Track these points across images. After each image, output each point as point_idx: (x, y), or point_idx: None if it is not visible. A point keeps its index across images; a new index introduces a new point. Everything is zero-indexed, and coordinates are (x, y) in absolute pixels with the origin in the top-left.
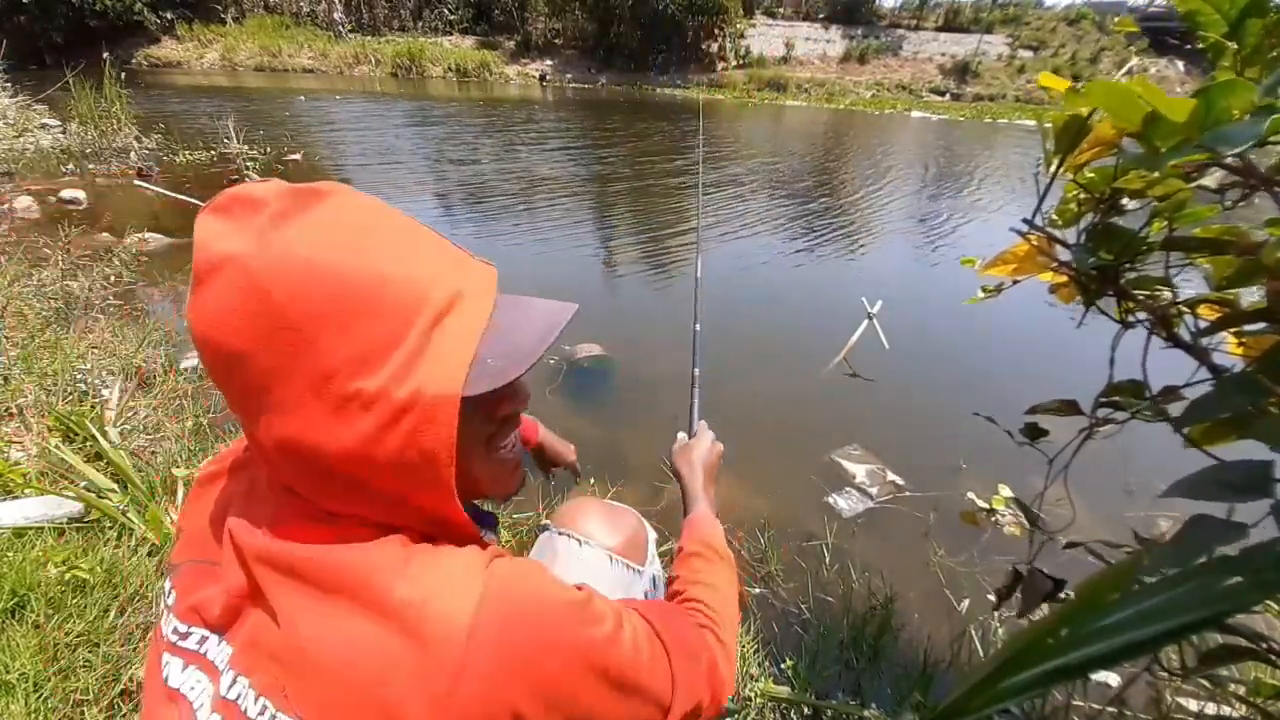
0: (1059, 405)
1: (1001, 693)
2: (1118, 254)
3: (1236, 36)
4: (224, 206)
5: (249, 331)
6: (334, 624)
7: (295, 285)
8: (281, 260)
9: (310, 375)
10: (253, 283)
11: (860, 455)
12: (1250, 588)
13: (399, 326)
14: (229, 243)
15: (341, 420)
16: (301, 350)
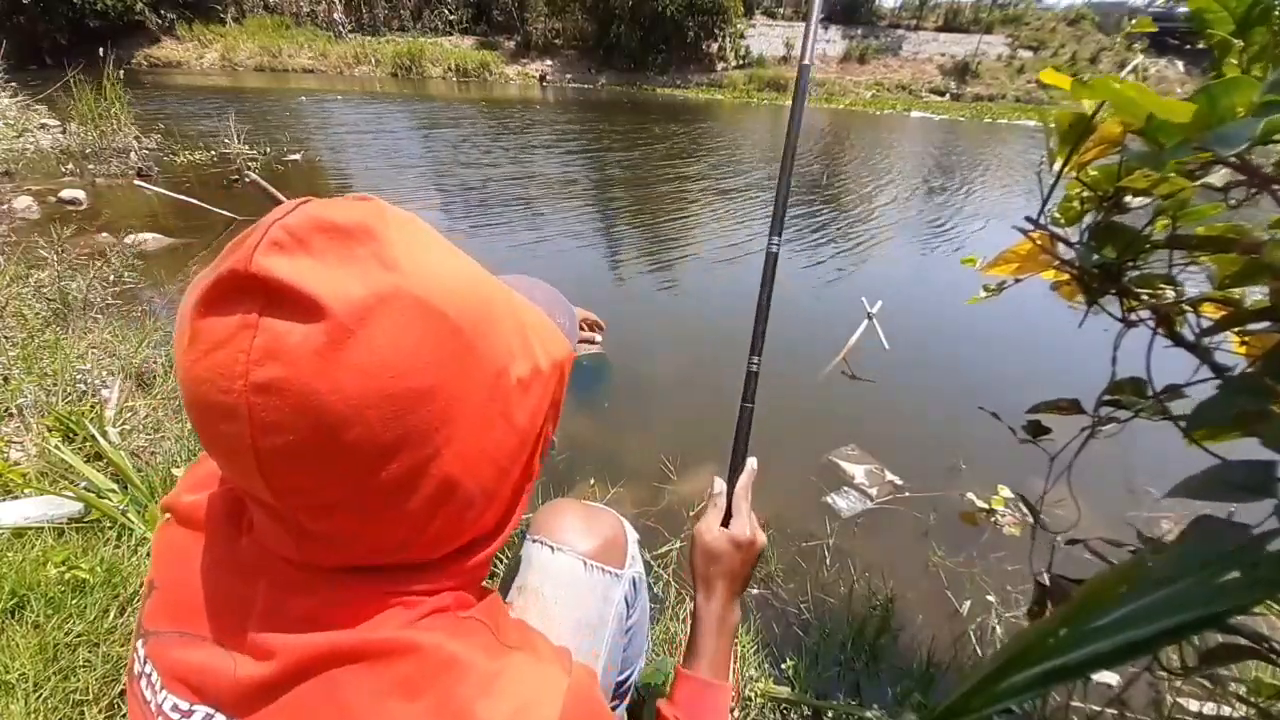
0: (1061, 404)
1: (1002, 693)
2: (1121, 252)
3: (1243, 34)
4: (300, 243)
5: (433, 360)
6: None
7: (452, 294)
8: (430, 276)
9: (485, 384)
10: (424, 307)
11: (858, 455)
12: (1249, 586)
13: (509, 314)
14: (361, 279)
15: (514, 413)
16: (474, 362)
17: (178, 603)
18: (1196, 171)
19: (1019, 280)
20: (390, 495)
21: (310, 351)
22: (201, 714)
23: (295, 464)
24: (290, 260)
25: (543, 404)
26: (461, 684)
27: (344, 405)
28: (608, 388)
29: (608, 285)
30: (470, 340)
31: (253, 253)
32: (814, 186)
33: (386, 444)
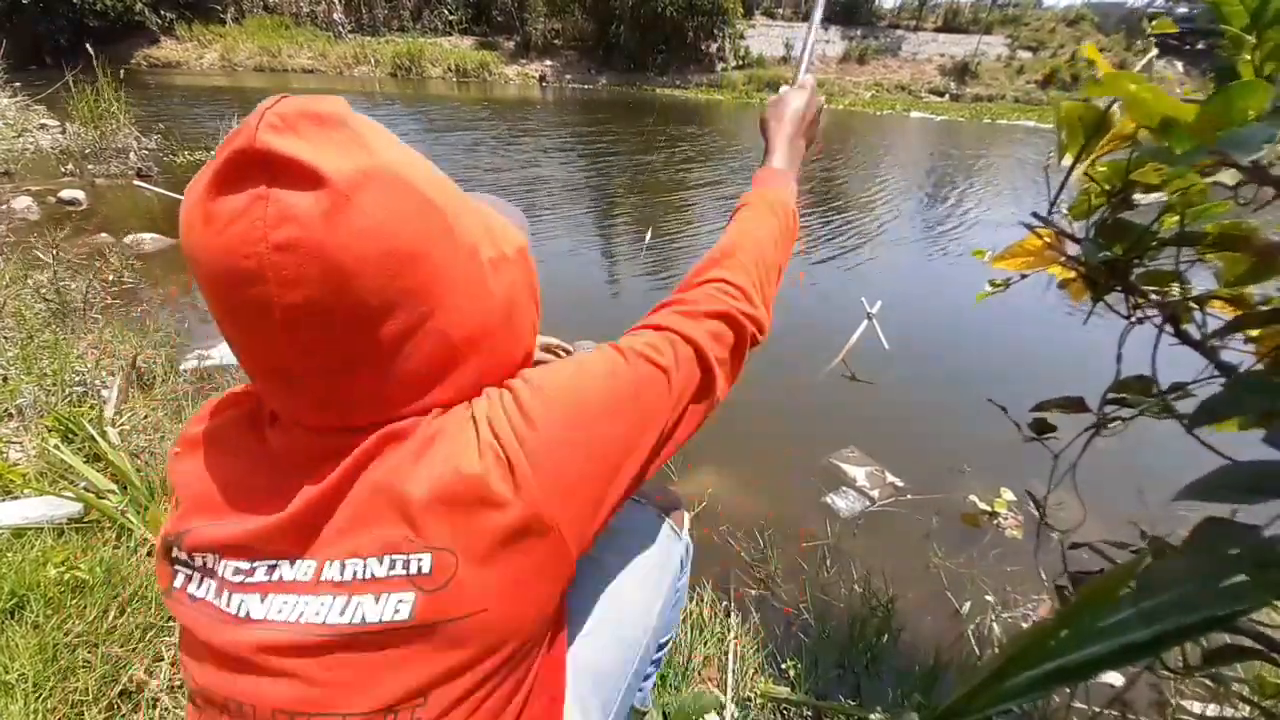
0: (1065, 402)
1: (1003, 693)
2: (1128, 249)
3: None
4: (290, 127)
5: (419, 230)
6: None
7: (428, 178)
8: (404, 161)
9: (465, 253)
10: (406, 182)
11: (858, 457)
12: (1255, 587)
13: (471, 206)
14: (348, 155)
15: (490, 284)
16: (452, 237)
17: (210, 502)
18: (1208, 169)
19: (1025, 276)
20: (395, 349)
21: (319, 214)
22: (264, 567)
23: (312, 320)
24: (285, 139)
25: (516, 282)
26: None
27: (351, 260)
28: None
29: (608, 286)
30: (447, 218)
31: (255, 133)
32: (813, 186)
33: (387, 301)
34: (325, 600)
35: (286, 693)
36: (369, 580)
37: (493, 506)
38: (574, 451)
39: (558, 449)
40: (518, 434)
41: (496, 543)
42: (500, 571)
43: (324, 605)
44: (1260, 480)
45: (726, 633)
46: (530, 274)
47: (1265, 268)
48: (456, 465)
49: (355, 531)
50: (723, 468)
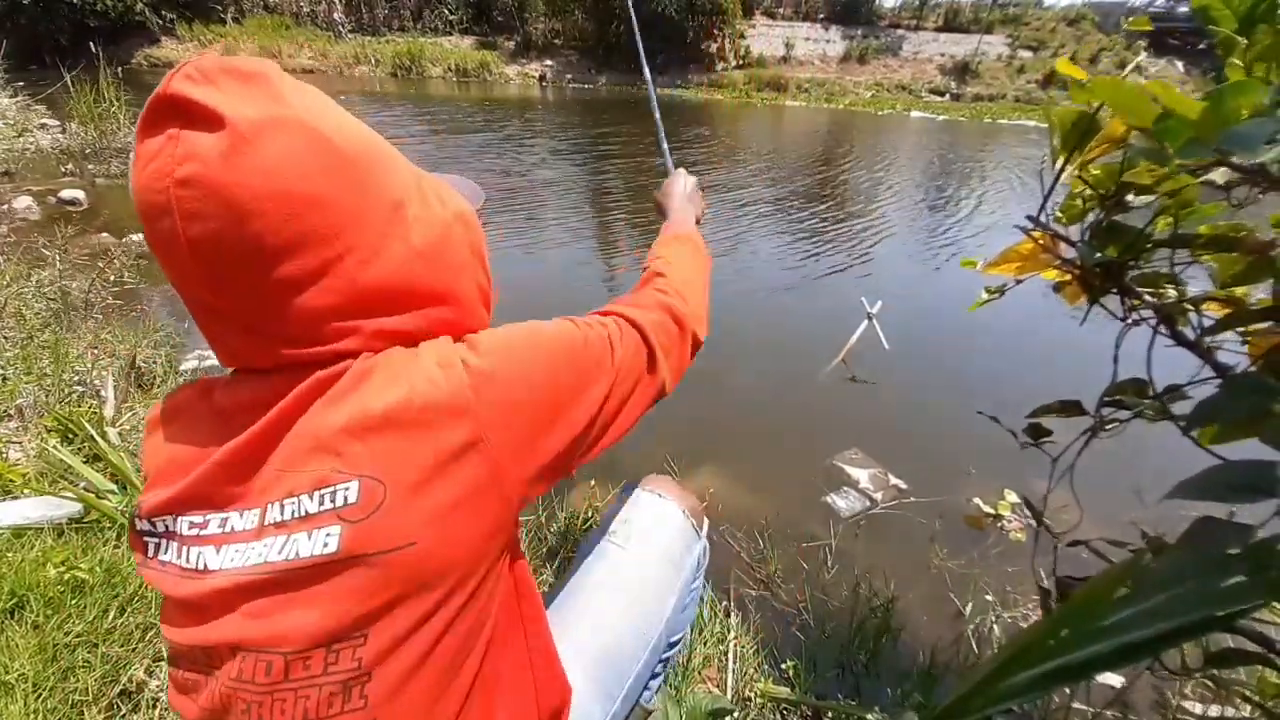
0: (1062, 406)
1: (1002, 693)
2: (1122, 251)
3: (1247, 32)
4: (207, 79)
5: (324, 175)
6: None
7: (346, 136)
8: (324, 116)
9: (384, 206)
10: (316, 134)
11: (861, 459)
12: (1252, 586)
13: (406, 168)
14: (261, 105)
15: (418, 239)
16: (370, 186)
17: (168, 470)
18: (1199, 170)
19: (1020, 281)
20: (299, 286)
21: (217, 153)
22: (216, 519)
23: (215, 253)
24: (199, 88)
25: (449, 239)
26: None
27: (247, 196)
28: None
29: (606, 288)
30: (362, 168)
31: (169, 82)
32: (813, 186)
33: (286, 240)
34: (268, 542)
35: (235, 630)
36: (304, 517)
37: (433, 426)
38: (518, 383)
39: (503, 377)
40: (465, 362)
41: (430, 467)
42: (431, 501)
43: (266, 547)
44: (1252, 479)
45: (726, 633)
46: (473, 236)
47: (1259, 268)
48: (400, 389)
49: (293, 470)
50: (723, 467)
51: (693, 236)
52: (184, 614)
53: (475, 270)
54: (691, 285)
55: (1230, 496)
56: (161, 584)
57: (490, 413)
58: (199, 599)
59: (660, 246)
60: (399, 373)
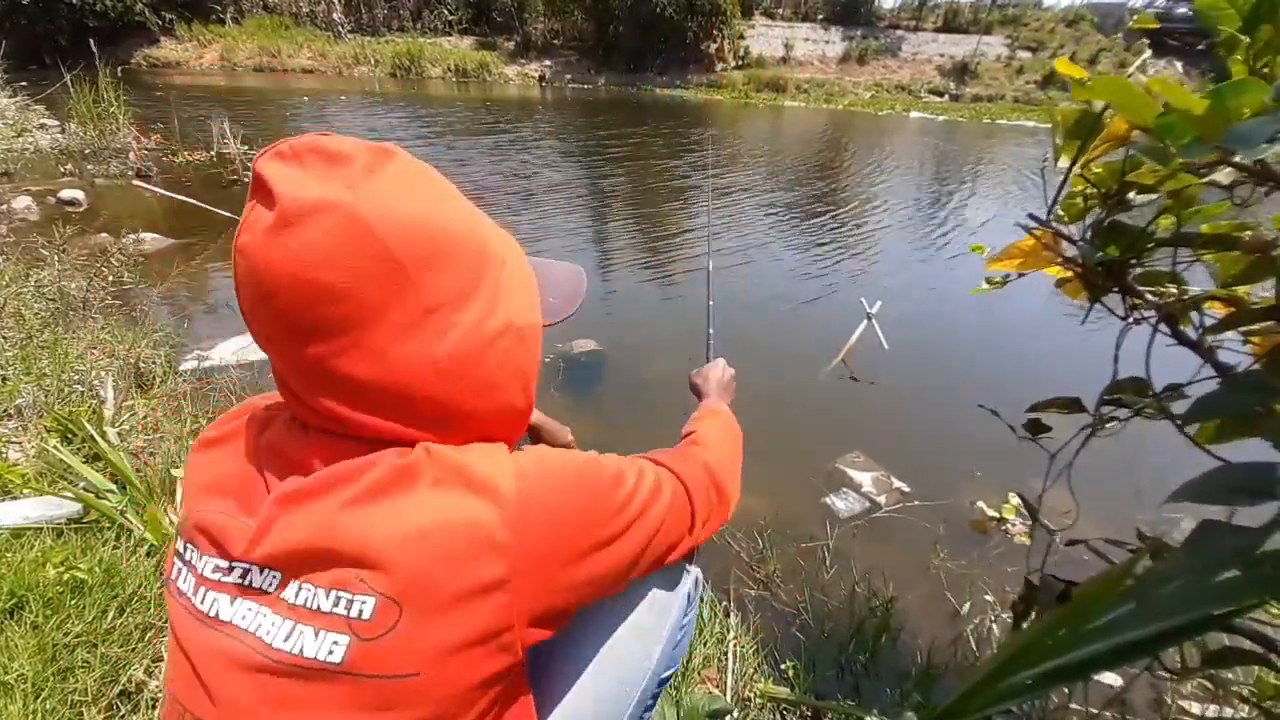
0: (1061, 403)
1: (1002, 693)
2: (1124, 250)
3: (1250, 30)
4: (294, 155)
5: (355, 270)
6: (397, 509)
7: (400, 229)
8: (385, 206)
9: (412, 310)
10: (361, 225)
11: (864, 462)
12: (1248, 585)
13: (479, 270)
14: (322, 189)
15: (441, 348)
16: (405, 288)
17: (209, 489)
18: (1202, 170)
19: (1022, 275)
20: (312, 366)
21: (262, 229)
22: (240, 569)
23: (255, 316)
24: (279, 165)
25: (488, 356)
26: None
27: (271, 276)
28: (606, 385)
29: (607, 287)
30: (404, 266)
31: (261, 156)
32: (812, 186)
33: (306, 324)
34: (277, 621)
35: (223, 709)
36: (315, 612)
37: (465, 557)
38: (559, 528)
39: (546, 519)
40: (512, 492)
41: (452, 598)
42: (445, 634)
43: (275, 626)
44: (1252, 482)
45: (726, 633)
46: (521, 356)
47: (1260, 267)
48: (439, 508)
49: (313, 556)
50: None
51: (728, 415)
52: (184, 659)
53: (511, 392)
54: (730, 460)
55: (1230, 500)
56: (176, 619)
57: (525, 554)
58: (201, 652)
59: (697, 421)
60: (441, 485)
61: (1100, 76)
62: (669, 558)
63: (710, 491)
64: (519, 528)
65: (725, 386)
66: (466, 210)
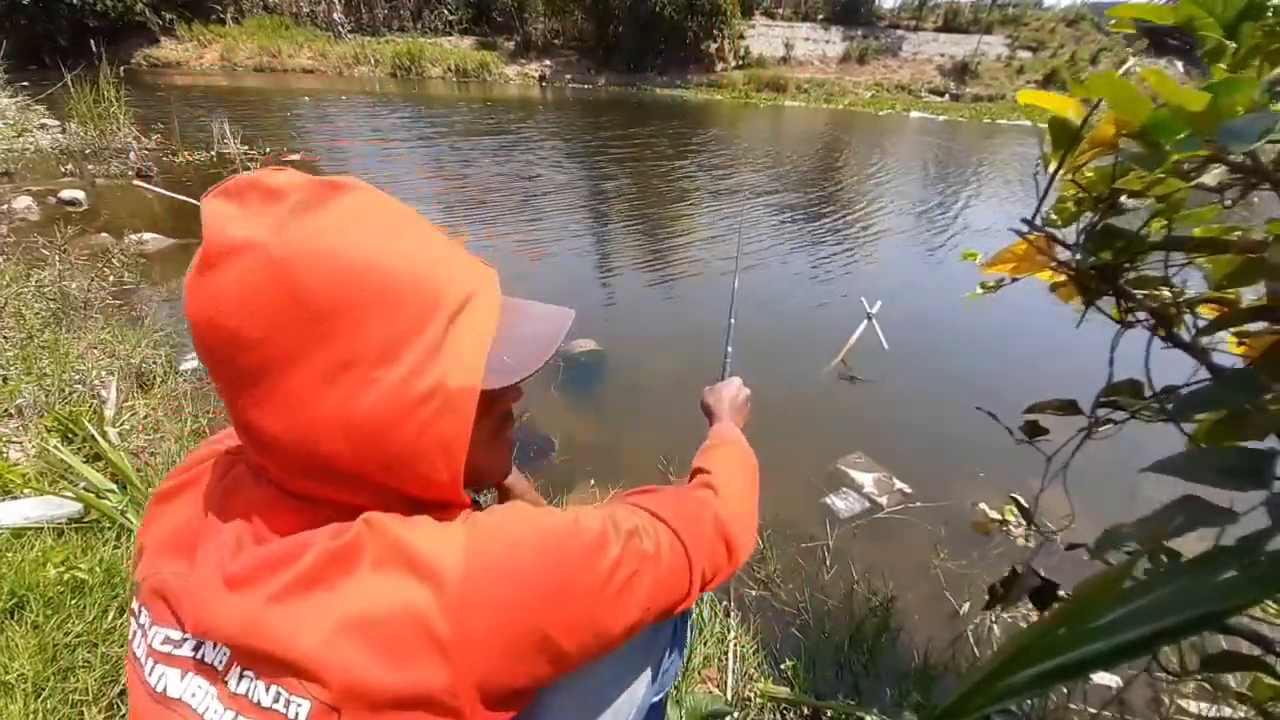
0: (1058, 405)
1: (1001, 692)
2: (1117, 254)
3: (1234, 38)
4: (237, 191)
5: (267, 318)
6: (329, 602)
7: (321, 274)
8: (307, 249)
9: (326, 363)
10: (276, 269)
11: (865, 463)
12: (1245, 584)
13: (419, 320)
14: (248, 227)
15: (356, 407)
16: (321, 338)
17: (163, 548)
18: (1190, 173)
19: (1015, 279)
20: (242, 423)
21: (192, 270)
22: (192, 643)
23: (200, 358)
24: (220, 203)
25: (409, 421)
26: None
27: (195, 318)
28: (606, 385)
29: (608, 288)
30: (319, 317)
31: (208, 192)
32: (812, 186)
33: (227, 371)
34: (219, 710)
35: None
36: (255, 705)
37: (408, 655)
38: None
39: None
40: (457, 581)
41: (391, 700)
42: None
43: (217, 713)
44: (1244, 465)
45: (726, 632)
46: (449, 426)
47: (1251, 268)
48: (380, 594)
49: (247, 651)
50: None
51: (743, 444)
52: None
53: (432, 465)
54: (744, 503)
55: (1218, 481)
56: (132, 692)
57: (472, 647)
58: None
59: (712, 452)
60: (382, 567)
61: (1098, 73)
62: (647, 625)
63: (718, 548)
64: (463, 617)
65: (739, 408)
66: (420, 250)
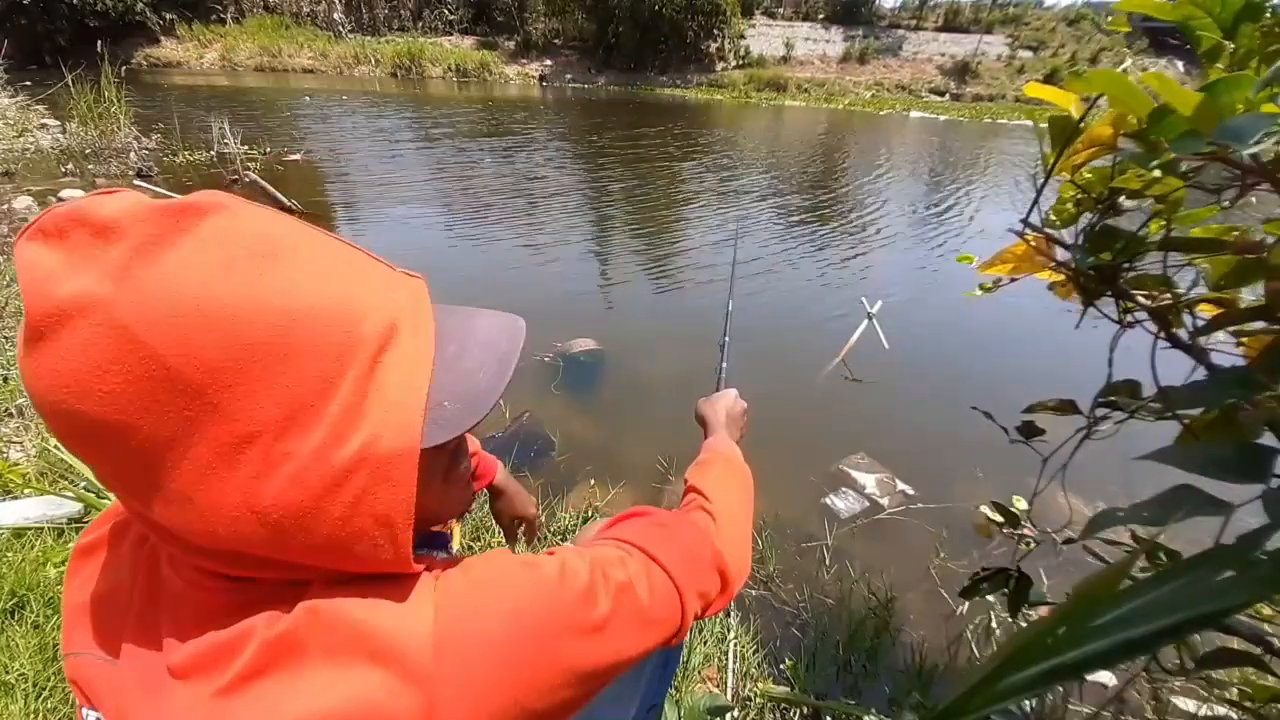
0: (1057, 405)
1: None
2: (1116, 254)
3: (1232, 37)
4: (57, 230)
5: (128, 398)
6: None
7: (185, 335)
8: (160, 303)
9: (218, 444)
10: (125, 336)
11: (868, 464)
12: (1243, 583)
13: (328, 372)
14: (79, 282)
15: (265, 490)
16: (204, 415)
17: (86, 621)
18: (1189, 173)
19: (1014, 279)
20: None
21: (20, 339)
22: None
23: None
24: (37, 249)
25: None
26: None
27: (38, 403)
28: (606, 384)
29: (608, 287)
30: (198, 391)
31: (22, 232)
32: (813, 186)
33: (94, 463)
34: None
35: None
36: None
37: None
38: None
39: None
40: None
41: None
42: None
43: None
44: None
45: (726, 632)
46: (385, 499)
47: (1250, 268)
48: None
49: None
50: None
51: (739, 460)
52: None
53: (373, 543)
54: (739, 526)
55: (1216, 473)
56: None
57: None
58: None
59: (707, 470)
60: (335, 657)
61: (1097, 70)
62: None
63: (712, 581)
64: (436, 706)
65: (736, 419)
66: (315, 281)
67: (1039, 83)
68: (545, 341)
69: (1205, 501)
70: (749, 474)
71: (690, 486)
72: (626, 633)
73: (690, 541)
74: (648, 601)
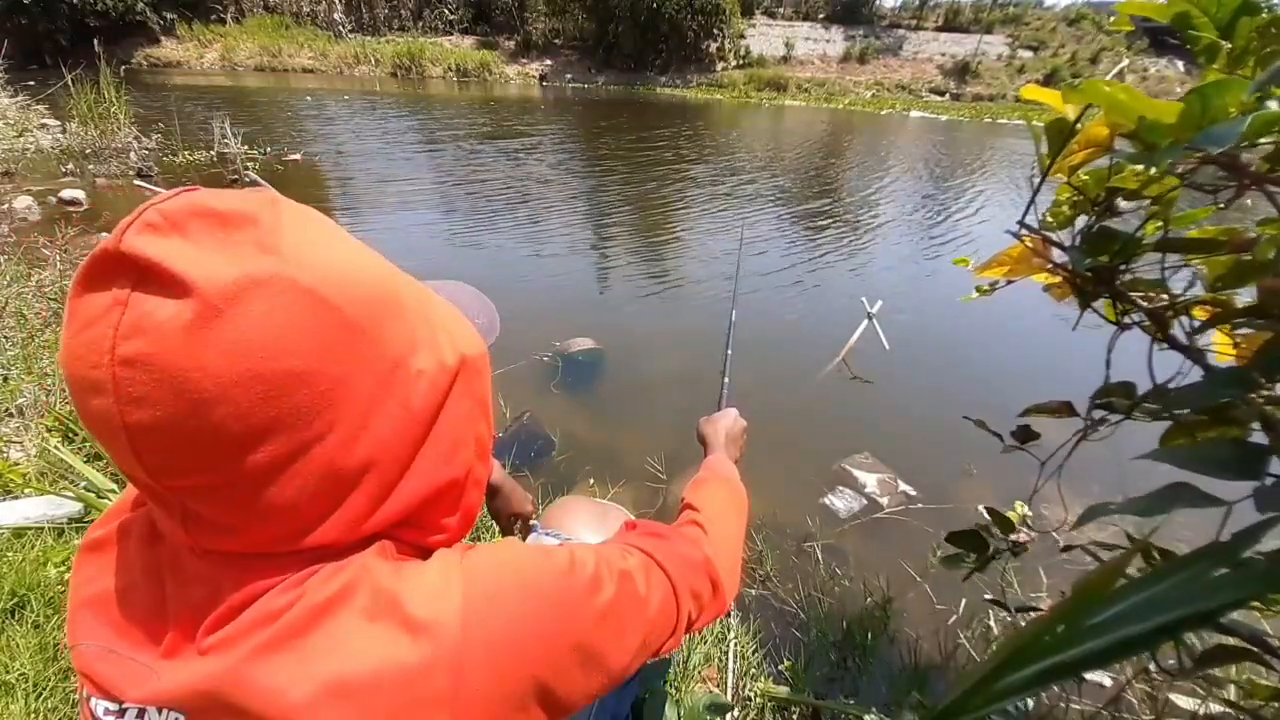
0: (1053, 407)
1: (1000, 691)
2: (1113, 256)
3: (1228, 37)
4: (174, 226)
5: (313, 345)
6: (314, 656)
7: (342, 284)
8: (320, 266)
9: (378, 372)
10: (310, 294)
11: (870, 464)
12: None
13: (416, 309)
14: (240, 263)
15: (412, 401)
16: (365, 350)
17: (95, 615)
18: (1185, 174)
19: (1011, 282)
20: (266, 478)
21: (177, 328)
22: (134, 711)
23: (164, 440)
24: (162, 241)
25: (453, 395)
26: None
27: (210, 383)
28: (606, 384)
29: (608, 287)
30: (361, 327)
31: (123, 233)
32: (813, 186)
33: (258, 426)
34: None
35: None
36: None
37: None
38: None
39: (497, 660)
40: (455, 626)
41: None
42: None
43: None
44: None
45: (726, 632)
46: (478, 386)
47: (1246, 268)
48: (375, 650)
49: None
50: None
51: (735, 481)
52: None
53: (477, 422)
54: (732, 544)
55: (1213, 471)
56: None
57: (472, 715)
58: None
59: (704, 488)
60: (372, 618)
61: (1090, 80)
62: (634, 667)
63: (703, 582)
64: (462, 674)
65: (735, 439)
66: (372, 253)
67: (1037, 85)
68: (544, 341)
69: (1198, 496)
70: (744, 495)
71: (686, 504)
72: (628, 619)
73: (684, 547)
74: (646, 592)
